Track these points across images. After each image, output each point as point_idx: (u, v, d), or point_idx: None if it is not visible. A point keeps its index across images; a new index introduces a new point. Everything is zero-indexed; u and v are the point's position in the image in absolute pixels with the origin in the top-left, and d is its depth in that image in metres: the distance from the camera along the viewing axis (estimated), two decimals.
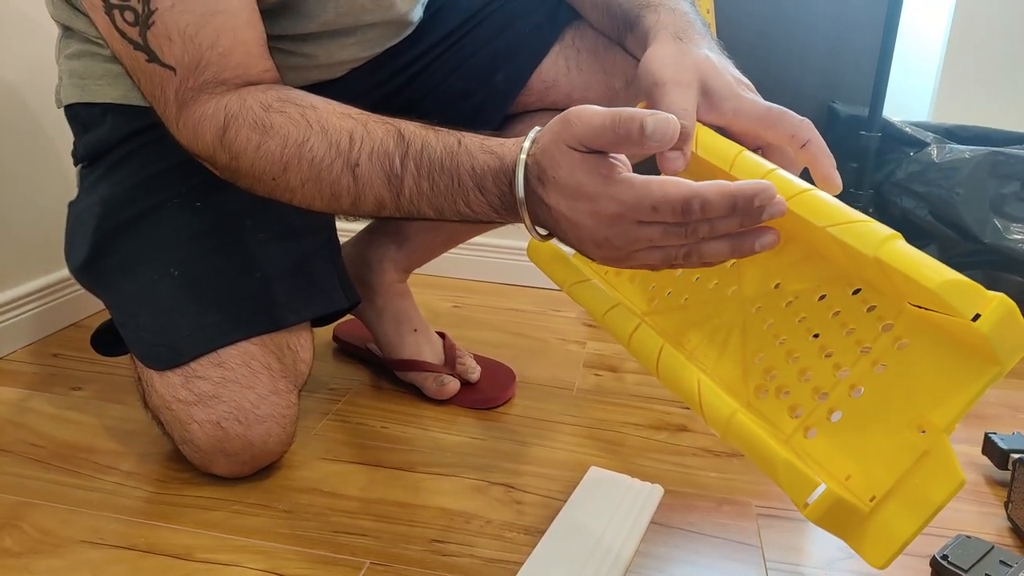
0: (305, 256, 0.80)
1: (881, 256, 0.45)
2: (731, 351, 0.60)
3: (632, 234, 0.51)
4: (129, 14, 0.60)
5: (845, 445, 0.51)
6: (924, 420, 0.47)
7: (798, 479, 0.46)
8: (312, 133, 0.61)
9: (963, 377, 0.46)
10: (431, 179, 0.59)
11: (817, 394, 0.54)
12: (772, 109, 0.60)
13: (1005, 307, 0.42)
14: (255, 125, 0.62)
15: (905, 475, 0.47)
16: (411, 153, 0.59)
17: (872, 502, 0.48)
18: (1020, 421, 1.00)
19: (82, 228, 0.79)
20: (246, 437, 0.73)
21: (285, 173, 0.62)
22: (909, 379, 0.49)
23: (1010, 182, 1.31)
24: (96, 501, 0.74)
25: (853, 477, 0.50)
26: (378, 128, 0.61)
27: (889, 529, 0.47)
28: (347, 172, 0.60)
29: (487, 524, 0.73)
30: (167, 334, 0.74)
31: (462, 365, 0.98)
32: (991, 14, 1.49)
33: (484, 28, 0.87)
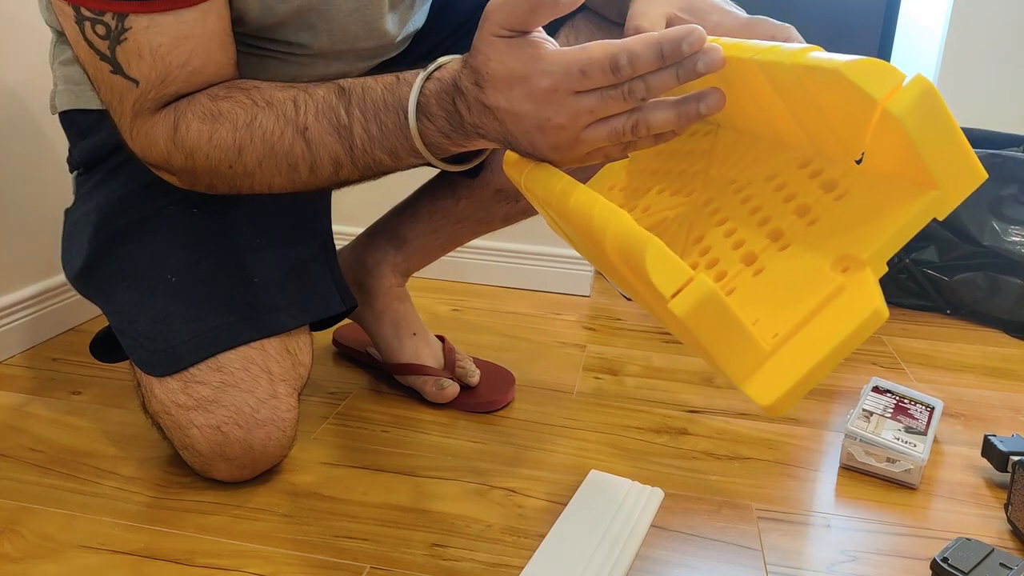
0: (302, 261, 0.80)
1: (796, 60, 0.42)
2: (673, 241, 0.57)
3: (571, 107, 0.51)
4: (100, 28, 0.60)
5: (761, 296, 0.45)
6: (847, 258, 0.42)
7: (667, 265, 0.39)
8: (259, 110, 0.61)
9: (892, 206, 0.41)
10: (378, 120, 0.59)
11: (747, 260, 0.49)
12: (753, 18, 0.61)
13: (922, 85, 0.37)
14: (204, 116, 0.62)
15: (814, 311, 0.41)
16: (354, 100, 0.60)
17: (775, 339, 0.41)
18: (1020, 423, 1.00)
19: (79, 235, 0.79)
20: (246, 441, 0.73)
21: (240, 156, 0.62)
22: (839, 225, 0.44)
23: (1008, 184, 1.32)
24: (96, 506, 0.74)
25: (761, 320, 0.44)
26: (319, 89, 0.61)
27: (786, 364, 0.40)
28: (299, 137, 0.61)
29: (488, 528, 0.73)
30: (165, 340, 0.74)
31: (462, 369, 0.98)
32: (988, 17, 1.49)
33: None
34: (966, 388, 1.10)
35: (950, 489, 0.84)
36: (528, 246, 1.43)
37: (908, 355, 1.20)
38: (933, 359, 1.20)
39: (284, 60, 0.76)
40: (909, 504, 0.80)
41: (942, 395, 1.06)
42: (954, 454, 0.91)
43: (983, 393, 1.09)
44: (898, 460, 0.83)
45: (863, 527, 0.76)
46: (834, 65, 0.39)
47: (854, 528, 0.76)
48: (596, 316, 1.33)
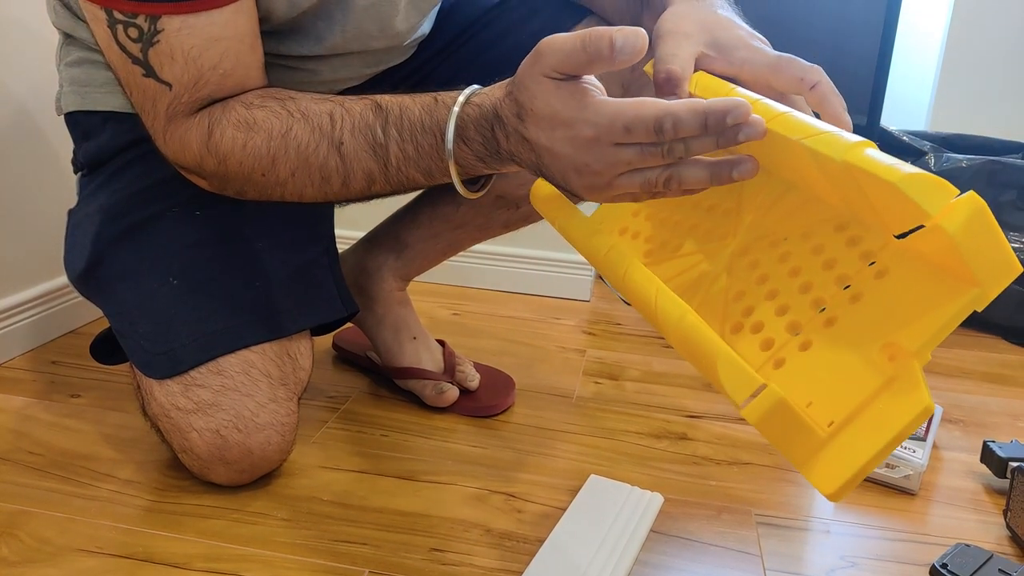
0: (304, 265, 0.80)
1: (849, 159, 0.43)
2: (714, 294, 0.59)
3: (610, 157, 0.51)
4: (133, 31, 0.60)
5: (812, 374, 0.48)
6: (895, 347, 0.44)
7: (738, 374, 0.43)
8: (294, 121, 0.62)
9: (937, 300, 0.43)
10: (415, 141, 0.60)
11: (792, 328, 0.52)
12: (781, 56, 0.61)
13: (974, 204, 0.39)
14: (239, 124, 0.63)
15: (868, 400, 0.44)
16: (391, 120, 0.60)
17: (830, 427, 0.45)
18: (1019, 429, 1.00)
19: (81, 236, 0.79)
20: (245, 445, 0.73)
21: (274, 166, 0.63)
22: (884, 307, 0.46)
23: (1007, 190, 1.32)
24: (94, 509, 0.74)
25: (815, 403, 0.47)
26: (356, 104, 0.62)
27: (843, 454, 0.43)
28: (333, 152, 0.61)
29: (487, 533, 0.73)
30: (166, 343, 0.74)
31: (461, 373, 0.98)
32: (987, 24, 1.49)
33: (481, 38, 0.88)
34: (965, 394, 1.10)
35: (949, 495, 0.84)
36: (528, 250, 1.43)
37: None
38: (932, 365, 1.20)
39: (291, 69, 0.76)
40: (908, 510, 0.80)
41: (941, 401, 1.06)
42: (953, 460, 0.91)
43: (982, 399, 1.09)
44: (897, 466, 0.83)
45: (862, 533, 0.76)
46: (891, 178, 0.40)
47: (853, 534, 0.76)
48: (596, 321, 1.33)
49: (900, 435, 0.42)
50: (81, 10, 0.75)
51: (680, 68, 0.60)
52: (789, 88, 0.60)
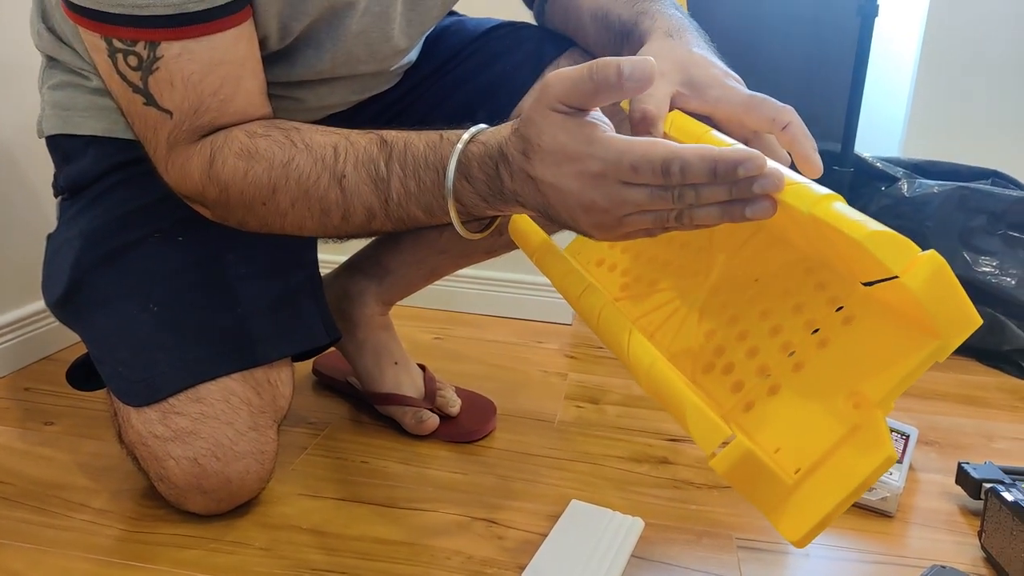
0: (287, 291, 0.80)
1: (816, 213, 0.44)
2: (687, 332, 0.60)
3: (618, 195, 0.50)
4: (133, 59, 0.60)
5: (779, 419, 0.49)
6: (859, 395, 0.46)
7: (706, 426, 0.44)
8: (297, 152, 0.62)
9: (901, 351, 0.45)
10: (417, 177, 0.59)
11: (762, 372, 0.53)
12: (755, 96, 0.61)
13: (935, 262, 0.41)
14: (241, 153, 0.63)
15: (832, 448, 0.45)
16: (395, 155, 0.60)
17: (797, 474, 0.46)
18: (993, 451, 1.02)
19: (61, 262, 0.78)
20: (224, 474, 0.73)
21: (274, 195, 0.63)
22: (850, 355, 0.48)
23: (977, 216, 1.35)
24: (67, 540, 0.72)
25: (782, 450, 0.48)
26: (361, 138, 0.62)
27: (809, 502, 0.44)
28: (334, 185, 0.61)
29: (468, 560, 0.72)
30: (145, 370, 0.73)
31: (442, 398, 0.98)
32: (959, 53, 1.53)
33: (466, 67, 0.89)
34: (940, 416, 1.11)
35: (925, 516, 0.84)
36: (511, 274, 1.43)
37: None
38: (908, 387, 1.21)
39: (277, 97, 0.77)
40: (886, 532, 0.81)
41: (917, 423, 1.07)
42: (929, 481, 0.92)
43: (957, 421, 1.10)
44: (875, 488, 0.83)
45: (841, 555, 0.77)
46: (856, 235, 0.42)
47: (832, 557, 0.76)
48: (577, 344, 1.33)
49: (863, 485, 0.43)
50: (64, 34, 0.75)
51: (655, 107, 0.61)
52: (761, 127, 0.61)
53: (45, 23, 0.77)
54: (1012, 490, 0.76)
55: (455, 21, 0.94)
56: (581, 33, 0.85)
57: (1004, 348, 1.32)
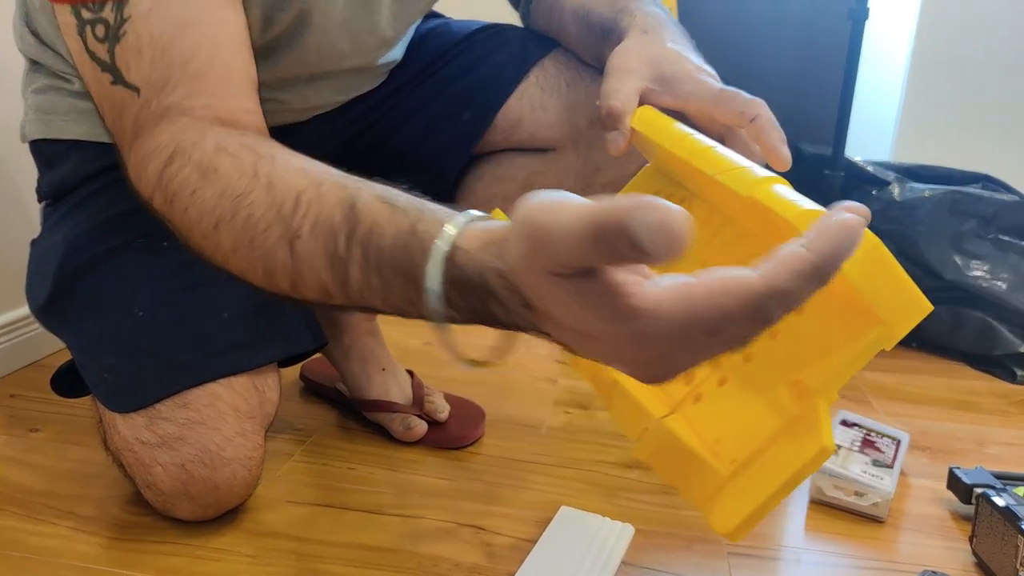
0: None
1: (754, 194, 0.43)
2: None
3: (685, 361, 0.36)
4: (100, 28, 0.56)
5: (724, 411, 0.47)
6: (800, 385, 0.44)
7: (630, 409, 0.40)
8: (256, 186, 0.50)
9: (844, 338, 0.42)
10: (381, 275, 0.45)
11: (714, 364, 0.50)
12: (725, 90, 0.61)
13: (868, 242, 0.37)
14: (199, 165, 0.52)
15: (770, 439, 0.43)
16: (358, 234, 0.46)
17: (732, 465, 0.44)
18: (985, 456, 1.01)
19: (44, 268, 0.77)
20: (211, 480, 0.72)
21: (216, 231, 0.51)
22: (797, 345, 0.45)
23: (968, 220, 1.35)
24: (52, 548, 0.72)
25: (722, 441, 0.46)
26: (331, 194, 0.48)
27: (742, 494, 0.42)
28: (284, 244, 0.48)
29: (456, 567, 0.72)
30: (131, 376, 0.72)
31: (431, 404, 0.97)
32: (950, 57, 1.54)
33: (450, 68, 0.88)
34: (932, 421, 1.11)
35: (916, 522, 0.84)
36: None
37: (875, 388, 1.21)
38: (900, 392, 1.21)
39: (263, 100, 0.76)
40: (877, 537, 0.81)
41: (908, 428, 1.07)
42: (920, 487, 0.92)
43: (948, 426, 1.10)
44: (866, 494, 0.83)
45: (832, 561, 0.76)
46: (787, 214, 0.40)
47: (823, 563, 0.76)
48: None
49: (796, 476, 0.41)
50: (47, 37, 0.74)
51: (621, 103, 0.61)
52: (730, 121, 0.61)
53: (28, 26, 0.76)
54: (1003, 495, 0.76)
55: (440, 23, 0.94)
56: (564, 33, 0.85)
57: (995, 353, 1.32)
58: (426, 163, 0.89)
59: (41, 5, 0.72)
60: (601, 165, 0.86)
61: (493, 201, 0.90)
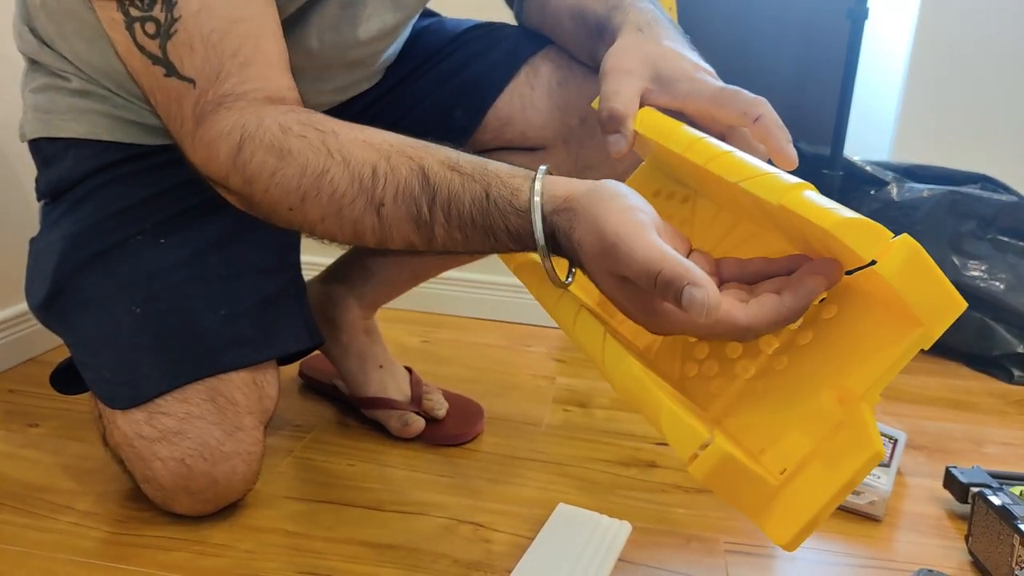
0: (270, 294, 0.80)
1: (785, 203, 0.43)
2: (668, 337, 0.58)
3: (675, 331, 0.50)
4: (151, 25, 0.59)
5: (765, 420, 0.48)
6: (843, 391, 0.44)
7: (682, 430, 0.41)
8: (333, 163, 0.58)
9: (883, 341, 0.43)
10: (463, 231, 0.57)
11: (745, 371, 0.51)
12: (725, 89, 0.60)
13: (908, 247, 0.39)
14: (272, 147, 0.59)
15: (817, 447, 0.43)
16: (439, 201, 0.57)
17: (782, 475, 0.44)
18: (982, 455, 1.02)
19: (43, 265, 0.77)
20: (210, 474, 0.72)
21: (303, 204, 0.60)
22: (833, 350, 0.46)
23: (967, 220, 1.35)
24: (51, 542, 0.72)
25: (767, 451, 0.46)
26: (402, 165, 0.58)
27: (795, 504, 0.42)
28: (371, 211, 0.58)
29: (454, 564, 0.72)
30: (129, 372, 0.72)
31: (429, 401, 0.97)
32: (949, 57, 1.54)
33: (443, 66, 0.89)
34: (928, 420, 1.12)
35: (913, 521, 0.84)
36: (498, 277, 1.43)
37: None
38: (897, 392, 1.21)
39: None
40: (873, 536, 0.81)
41: (905, 427, 1.07)
42: (917, 486, 0.92)
43: (945, 425, 1.10)
44: (863, 492, 0.83)
45: (829, 559, 0.77)
46: (825, 223, 0.40)
47: (820, 561, 0.76)
48: (566, 348, 1.33)
49: (850, 484, 0.41)
50: (46, 35, 0.74)
51: (622, 106, 0.61)
52: (733, 121, 0.60)
53: (27, 25, 0.76)
54: (999, 494, 0.76)
55: (434, 21, 0.94)
56: (559, 30, 0.85)
57: (993, 353, 1.32)
58: None
59: (42, 3, 0.72)
60: (592, 163, 0.86)
61: None
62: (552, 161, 0.87)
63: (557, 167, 0.87)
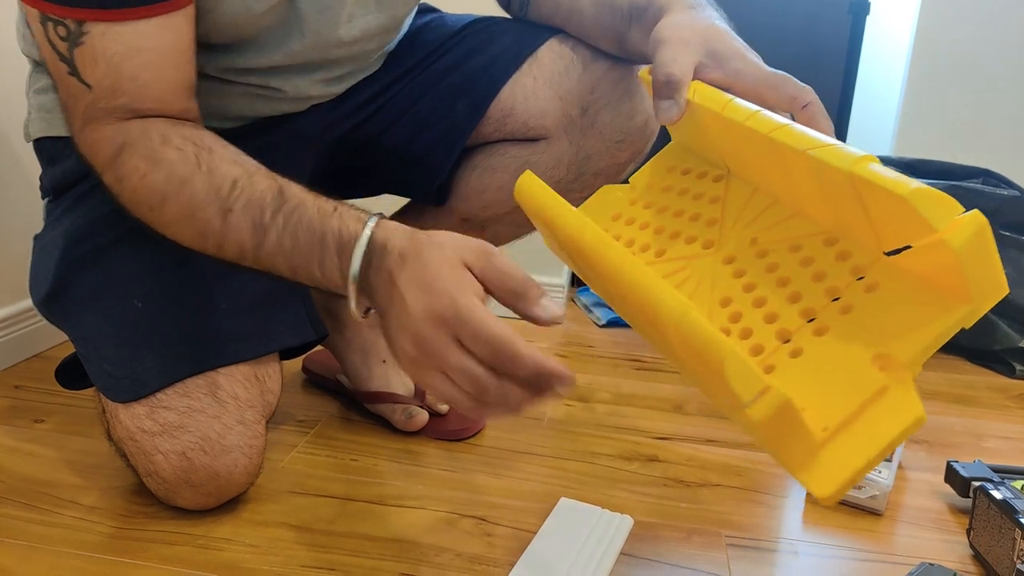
0: (272, 288, 0.80)
1: (856, 171, 0.44)
2: (700, 298, 0.59)
3: (443, 349, 0.52)
4: (62, 29, 0.61)
5: (803, 382, 0.49)
6: (887, 358, 0.45)
7: (746, 372, 0.42)
8: (198, 173, 0.62)
9: (929, 315, 0.45)
10: (295, 236, 0.60)
11: (782, 336, 0.52)
12: (776, 73, 0.62)
13: (978, 222, 0.41)
14: (147, 155, 0.63)
15: (861, 408, 0.45)
16: (284, 209, 0.60)
17: (824, 432, 0.45)
18: (982, 449, 1.02)
19: (46, 261, 0.78)
20: (212, 468, 0.72)
21: (163, 205, 0.63)
22: (875, 320, 0.48)
23: None
24: (56, 537, 0.72)
25: (808, 410, 0.47)
26: (262, 181, 0.62)
27: (837, 460, 0.44)
28: (218, 216, 0.61)
29: (457, 557, 0.72)
30: (131, 366, 0.73)
31: (431, 396, 0.98)
32: (950, 52, 1.54)
33: (446, 60, 0.89)
34: (930, 414, 1.12)
35: (914, 515, 0.85)
36: None
37: None
38: None
39: (257, 87, 0.77)
40: (875, 530, 0.81)
41: None
42: (918, 480, 0.92)
43: (946, 419, 1.11)
44: (864, 486, 0.84)
45: (830, 553, 0.77)
46: (900, 191, 0.41)
47: (821, 555, 0.77)
48: (568, 343, 1.33)
49: (893, 443, 0.43)
50: None
51: (680, 72, 0.62)
52: (781, 105, 0.61)
53: (30, 27, 0.76)
54: (1000, 488, 0.76)
55: (435, 17, 0.94)
56: (576, 17, 0.84)
57: (994, 347, 1.32)
58: (421, 155, 0.89)
59: None
60: (592, 153, 0.86)
61: (487, 191, 0.90)
62: (553, 151, 0.87)
63: (559, 157, 0.87)
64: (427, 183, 0.91)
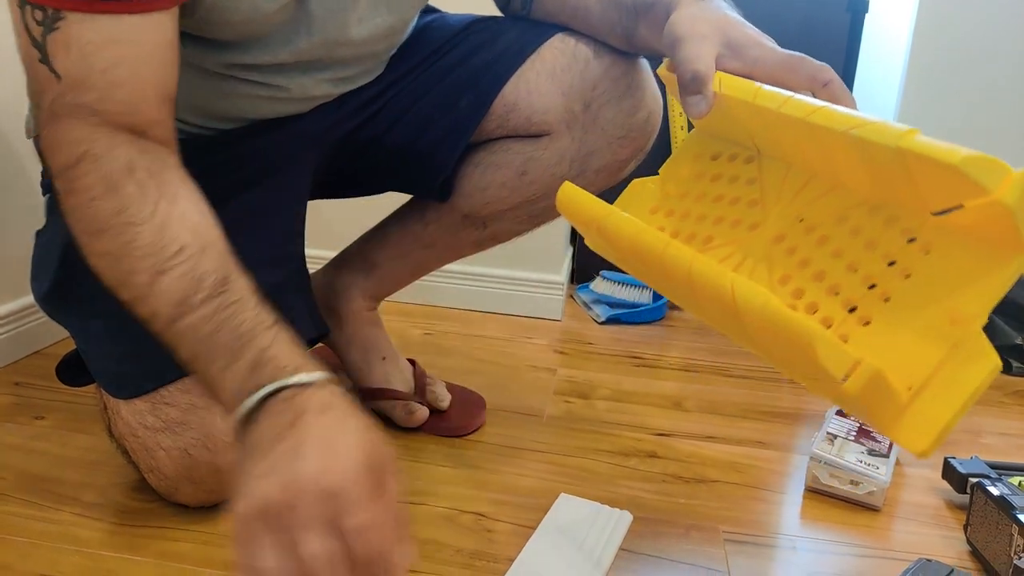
0: (274, 286, 0.79)
1: (903, 145, 0.46)
2: (758, 280, 0.59)
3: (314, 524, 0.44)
4: (39, 13, 0.59)
5: (878, 347, 0.51)
6: (955, 313, 0.47)
7: (837, 352, 0.46)
8: (150, 223, 0.57)
9: (988, 267, 0.47)
10: (216, 328, 0.54)
11: (847, 306, 0.53)
12: (793, 55, 0.62)
13: None
14: (107, 179, 0.58)
15: (940, 364, 0.47)
16: (220, 299, 0.56)
17: (910, 391, 0.48)
18: (980, 446, 1.02)
19: (48, 257, 0.78)
20: (214, 464, 0.73)
21: (99, 235, 0.58)
22: (937, 280, 0.49)
23: None
24: (57, 533, 0.73)
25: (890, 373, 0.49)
26: (210, 262, 0.57)
27: (927, 415, 0.46)
28: (148, 273, 0.57)
29: (457, 553, 0.73)
30: (132, 363, 0.73)
31: (432, 393, 0.98)
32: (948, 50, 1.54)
33: (448, 59, 0.89)
34: None
35: (912, 511, 0.85)
36: (500, 270, 1.44)
37: None
38: None
39: (261, 85, 0.77)
40: (872, 526, 0.82)
41: None
42: (915, 476, 0.93)
43: None
44: (861, 482, 0.84)
45: (828, 549, 0.77)
46: (952, 160, 0.43)
47: (819, 550, 0.77)
48: (567, 340, 1.33)
49: (976, 392, 0.45)
50: None
51: (705, 68, 0.62)
52: (802, 86, 0.61)
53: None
54: (998, 484, 0.77)
55: (437, 17, 0.94)
56: (582, 14, 0.85)
57: (992, 344, 1.32)
58: (425, 152, 0.89)
59: None
60: (595, 149, 0.87)
61: (489, 188, 0.91)
62: (556, 147, 0.87)
63: (561, 153, 0.87)
64: (430, 180, 0.92)
